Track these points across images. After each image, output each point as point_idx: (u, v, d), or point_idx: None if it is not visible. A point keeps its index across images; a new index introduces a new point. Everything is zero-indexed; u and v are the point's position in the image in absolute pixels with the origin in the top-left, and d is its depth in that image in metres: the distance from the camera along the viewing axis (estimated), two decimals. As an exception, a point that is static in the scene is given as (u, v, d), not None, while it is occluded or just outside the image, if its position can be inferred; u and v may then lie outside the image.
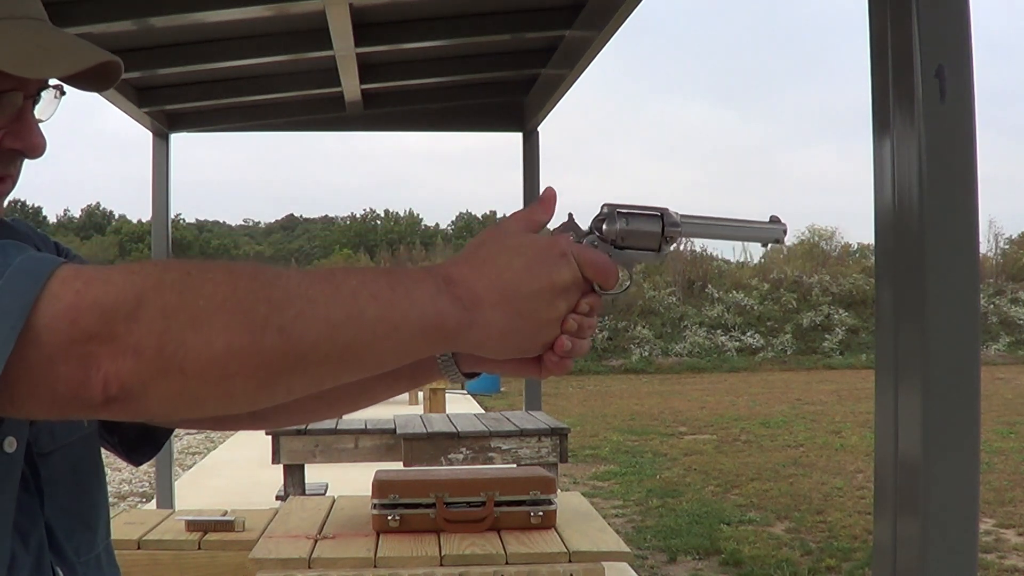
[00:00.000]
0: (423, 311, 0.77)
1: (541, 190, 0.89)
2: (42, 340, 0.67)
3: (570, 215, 0.91)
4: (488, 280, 0.80)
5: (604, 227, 0.91)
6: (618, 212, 0.91)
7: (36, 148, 0.96)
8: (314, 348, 0.73)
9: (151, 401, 0.70)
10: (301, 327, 0.72)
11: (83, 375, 0.68)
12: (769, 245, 0.99)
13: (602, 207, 0.92)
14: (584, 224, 0.92)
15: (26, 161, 0.98)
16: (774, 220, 0.97)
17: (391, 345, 0.77)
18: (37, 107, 0.96)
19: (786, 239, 0.98)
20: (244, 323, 0.70)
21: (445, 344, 0.81)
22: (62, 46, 0.93)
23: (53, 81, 0.96)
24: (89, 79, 0.95)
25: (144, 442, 1.16)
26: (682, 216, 0.93)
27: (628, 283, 0.91)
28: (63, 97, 0.98)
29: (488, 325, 0.80)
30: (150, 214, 5.87)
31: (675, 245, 0.94)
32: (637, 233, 0.91)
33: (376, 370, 0.79)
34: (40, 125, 0.97)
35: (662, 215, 0.92)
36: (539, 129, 5.85)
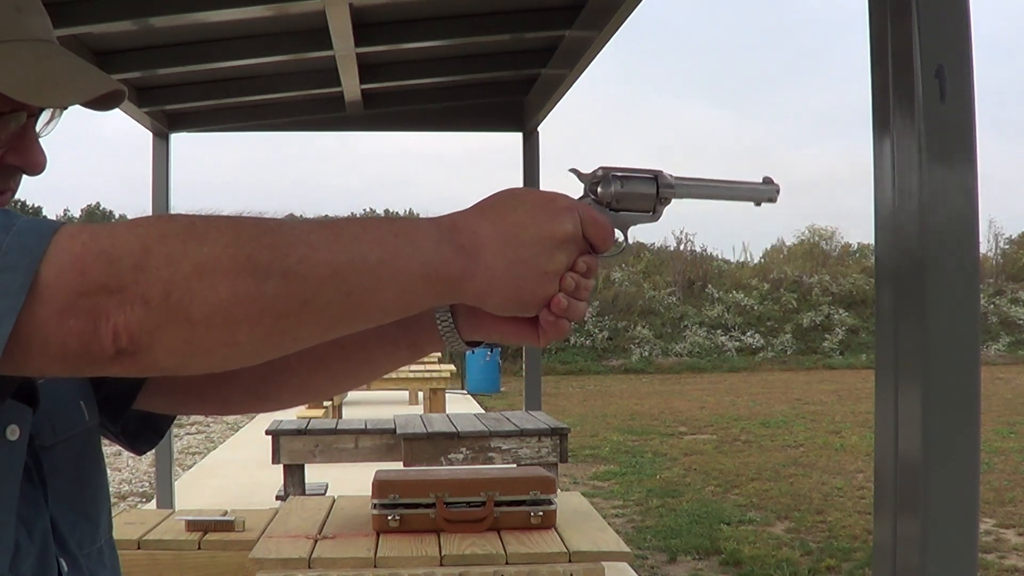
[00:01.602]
0: (426, 257, 0.78)
1: (542, 189, 0.90)
2: (51, 294, 0.68)
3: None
4: (491, 224, 0.81)
5: (600, 190, 0.92)
6: (613, 175, 0.92)
7: (37, 165, 0.97)
8: (318, 293, 0.73)
9: (160, 352, 0.71)
10: (304, 271, 0.73)
11: (93, 328, 0.69)
12: (762, 204, 0.99)
13: (596, 170, 0.93)
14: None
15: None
16: (767, 181, 0.99)
17: (394, 291, 0.77)
18: (38, 122, 0.97)
19: (779, 198, 0.99)
20: (248, 268, 0.71)
21: (447, 292, 0.81)
22: (69, 73, 0.94)
23: None
24: (93, 101, 0.96)
25: (146, 429, 1.16)
26: (676, 178, 0.94)
27: (624, 245, 0.92)
28: (65, 112, 0.99)
29: (489, 270, 0.81)
30: (150, 214, 5.86)
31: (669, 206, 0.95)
32: (632, 195, 0.92)
33: (379, 319, 0.80)
34: (41, 139, 0.98)
35: (656, 177, 0.93)
36: (539, 129, 5.85)
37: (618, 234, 0.91)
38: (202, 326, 0.70)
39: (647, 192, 0.93)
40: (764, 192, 0.98)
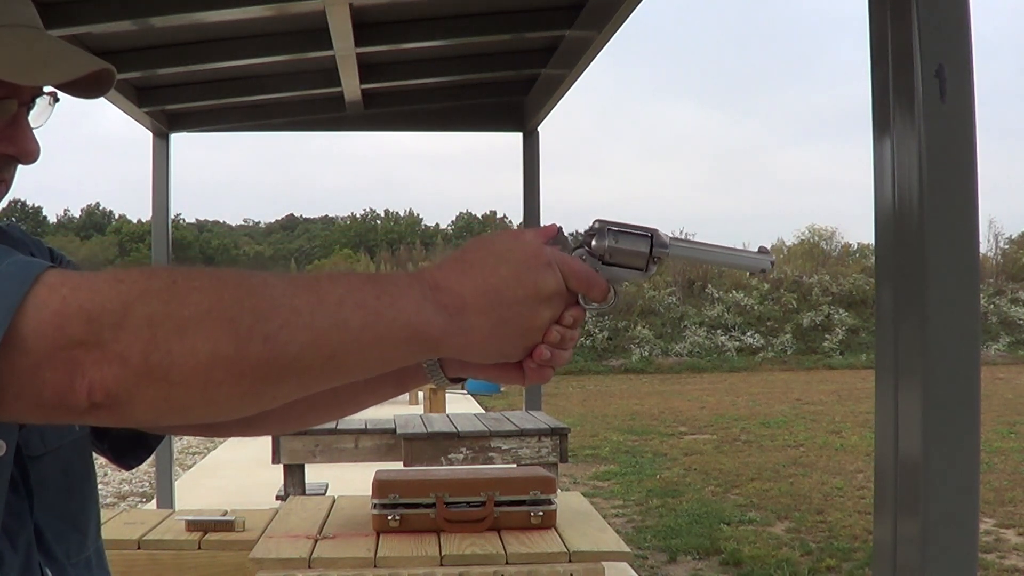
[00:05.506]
0: (408, 320, 0.77)
1: (541, 190, 0.90)
2: (28, 345, 0.67)
3: (559, 229, 0.91)
4: (474, 285, 0.81)
5: (594, 242, 0.92)
6: (608, 229, 0.92)
7: (30, 154, 0.97)
8: (299, 357, 0.73)
9: (136, 408, 0.71)
10: (286, 336, 0.72)
11: (68, 381, 0.68)
12: (755, 276, 0.99)
13: (593, 223, 0.93)
14: (576, 233, 0.94)
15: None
16: (762, 251, 0.98)
17: (376, 353, 0.77)
18: (31, 113, 0.97)
19: (773, 271, 0.99)
20: (229, 332, 0.70)
21: (430, 351, 0.81)
22: (56, 54, 0.94)
23: (48, 88, 0.97)
24: (83, 86, 0.96)
25: (136, 447, 1.16)
26: (671, 238, 0.94)
27: (614, 298, 0.92)
28: (57, 104, 0.99)
29: (472, 331, 0.81)
30: (150, 214, 5.87)
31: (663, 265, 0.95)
32: (625, 251, 0.92)
33: (361, 376, 0.80)
34: (35, 130, 0.98)
35: (651, 236, 0.93)
36: (539, 129, 5.85)
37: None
38: (180, 386, 0.70)
39: (640, 250, 0.92)
40: (758, 262, 0.97)
